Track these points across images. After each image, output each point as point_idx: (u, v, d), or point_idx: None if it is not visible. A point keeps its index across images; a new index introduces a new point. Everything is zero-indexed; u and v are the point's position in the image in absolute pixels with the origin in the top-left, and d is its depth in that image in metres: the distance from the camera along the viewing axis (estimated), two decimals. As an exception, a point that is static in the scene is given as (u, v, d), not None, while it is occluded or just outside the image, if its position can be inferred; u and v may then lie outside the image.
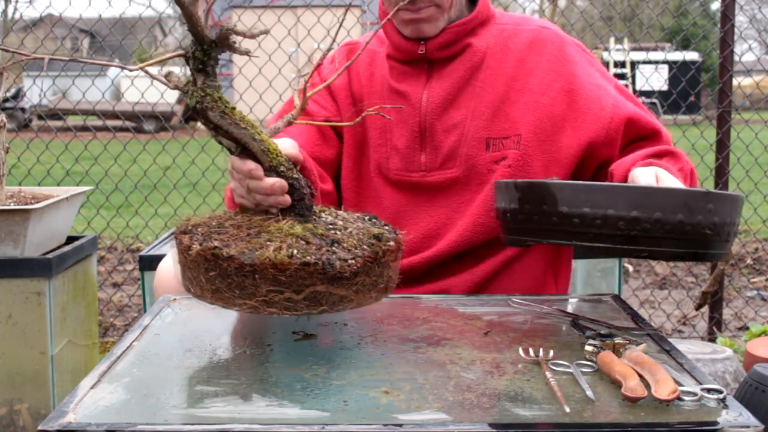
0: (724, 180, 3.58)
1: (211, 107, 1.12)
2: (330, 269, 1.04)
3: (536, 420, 0.91)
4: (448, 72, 1.60)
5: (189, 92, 1.13)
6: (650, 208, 1.09)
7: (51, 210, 2.26)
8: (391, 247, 1.13)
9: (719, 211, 1.11)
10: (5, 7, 10.96)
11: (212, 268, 1.05)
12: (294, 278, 1.03)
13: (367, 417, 0.91)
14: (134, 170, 3.99)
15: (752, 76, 5.65)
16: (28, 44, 4.16)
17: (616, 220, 1.10)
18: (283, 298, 1.04)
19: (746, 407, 0.94)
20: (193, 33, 1.10)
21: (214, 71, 1.14)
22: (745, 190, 4.23)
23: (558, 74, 1.58)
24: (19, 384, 2.25)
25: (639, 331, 1.23)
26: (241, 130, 1.14)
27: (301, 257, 1.04)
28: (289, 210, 1.18)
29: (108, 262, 4.90)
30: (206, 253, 1.06)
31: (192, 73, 1.14)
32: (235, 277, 1.04)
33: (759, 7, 5.77)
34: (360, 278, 1.07)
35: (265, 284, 1.03)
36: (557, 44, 1.61)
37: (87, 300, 2.56)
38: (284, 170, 1.17)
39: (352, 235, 1.13)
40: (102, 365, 1.07)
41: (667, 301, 4.03)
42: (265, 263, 1.03)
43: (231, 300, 1.06)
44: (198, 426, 0.89)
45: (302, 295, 1.04)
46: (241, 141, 1.15)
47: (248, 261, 1.03)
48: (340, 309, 1.08)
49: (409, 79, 1.62)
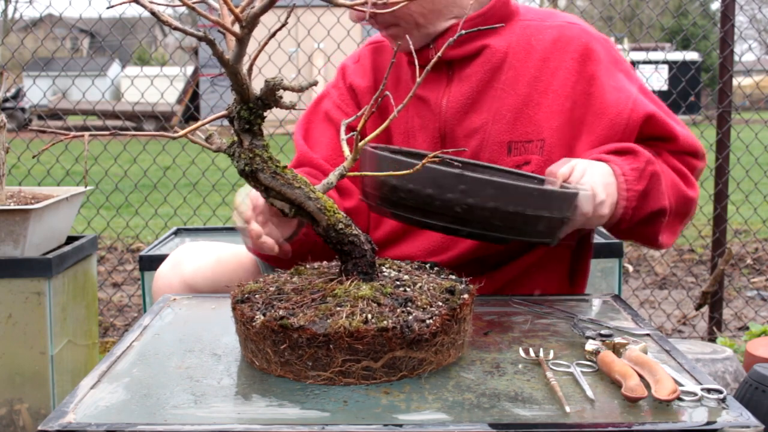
0: (724, 180, 3.58)
1: (262, 169, 1.07)
2: (409, 333, 0.99)
3: (536, 420, 0.90)
4: (467, 75, 1.55)
5: (236, 154, 1.07)
6: (419, 182, 1.19)
7: (51, 210, 2.26)
8: (466, 300, 1.08)
9: (474, 193, 1.17)
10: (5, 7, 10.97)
11: (281, 340, 1.00)
12: (371, 345, 0.99)
13: (367, 417, 0.91)
14: (134, 170, 3.99)
15: (752, 76, 5.66)
16: (28, 44, 4.16)
17: (407, 193, 1.21)
18: (360, 368, 1.00)
19: (746, 407, 0.94)
20: (238, 92, 1.04)
21: (260, 130, 1.08)
22: (745, 190, 4.23)
23: (580, 75, 1.52)
24: (19, 384, 2.25)
25: (639, 331, 1.23)
26: (295, 190, 1.08)
27: (377, 323, 0.99)
28: (352, 269, 1.12)
29: (108, 262, 4.89)
30: (273, 324, 1.01)
31: (237, 133, 1.07)
32: (306, 348, 0.99)
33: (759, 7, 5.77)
34: (439, 338, 1.03)
35: (340, 354, 0.99)
36: (582, 42, 1.54)
37: (87, 300, 2.56)
38: (342, 227, 1.12)
39: (424, 291, 1.08)
40: (102, 365, 1.07)
41: (667, 301, 4.03)
42: (340, 332, 0.98)
43: (303, 372, 1.01)
44: (198, 426, 0.89)
45: (381, 362, 1.00)
46: (296, 201, 1.09)
47: (321, 331, 0.98)
48: (420, 372, 1.03)
49: (429, 84, 1.58)
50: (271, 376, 1.04)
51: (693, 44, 4.94)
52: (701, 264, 4.94)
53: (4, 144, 2.22)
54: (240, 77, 1.02)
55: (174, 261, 1.56)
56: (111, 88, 9.86)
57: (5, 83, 2.26)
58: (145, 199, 4.09)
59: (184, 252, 1.59)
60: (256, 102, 1.05)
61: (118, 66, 13.59)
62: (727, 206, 3.63)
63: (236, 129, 1.08)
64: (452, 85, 1.56)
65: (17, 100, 12.24)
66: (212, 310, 1.33)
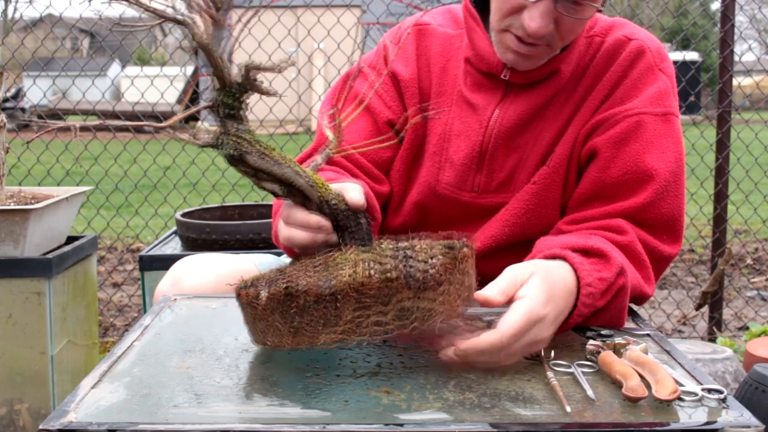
0: (724, 180, 3.58)
1: (249, 151, 1.07)
2: (413, 281, 0.99)
3: (537, 420, 0.91)
4: (527, 95, 1.43)
5: (222, 142, 1.07)
6: None
7: (51, 210, 2.26)
8: (466, 252, 1.07)
9: None
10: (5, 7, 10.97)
11: (289, 308, 1.00)
12: (378, 297, 0.99)
13: (368, 417, 0.91)
14: (134, 170, 3.99)
15: (752, 76, 5.66)
16: (28, 44, 4.16)
17: None
18: (371, 321, 0.99)
19: (746, 407, 0.94)
20: (217, 76, 1.05)
21: (244, 115, 1.08)
22: (745, 190, 4.23)
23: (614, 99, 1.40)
24: (19, 384, 2.25)
25: (639, 331, 1.23)
26: (284, 168, 1.08)
27: (381, 274, 0.99)
28: (350, 240, 1.11)
29: (108, 262, 4.89)
30: (278, 294, 1.01)
31: (222, 121, 1.07)
32: (314, 310, 0.99)
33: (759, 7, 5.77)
34: (444, 287, 1.02)
35: (349, 309, 0.99)
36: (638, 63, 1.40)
37: (87, 300, 2.56)
38: (335, 202, 1.11)
39: (423, 249, 1.07)
40: (103, 365, 1.07)
41: (667, 301, 4.03)
42: (345, 287, 0.98)
43: (315, 336, 1.00)
44: (199, 425, 0.89)
45: (390, 312, 0.99)
46: (286, 179, 1.09)
47: (327, 288, 0.98)
48: (430, 324, 1.02)
49: (482, 92, 1.46)
50: (272, 375, 1.04)
51: (693, 44, 4.94)
52: (701, 264, 4.94)
53: (4, 144, 2.22)
54: (218, 60, 1.03)
55: (173, 279, 1.49)
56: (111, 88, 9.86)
57: (5, 83, 2.26)
58: (145, 199, 4.09)
59: (183, 268, 1.52)
60: (237, 86, 1.06)
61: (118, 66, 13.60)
62: (727, 206, 3.63)
63: (220, 117, 1.08)
64: (507, 99, 1.44)
65: (17, 100, 12.24)
66: (213, 311, 1.33)
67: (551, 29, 1.32)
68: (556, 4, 1.29)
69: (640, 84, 1.40)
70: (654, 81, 1.40)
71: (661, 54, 1.44)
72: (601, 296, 1.17)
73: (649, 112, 1.38)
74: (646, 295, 1.33)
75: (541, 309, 1.08)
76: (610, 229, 1.34)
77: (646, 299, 1.35)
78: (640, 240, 1.34)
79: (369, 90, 1.53)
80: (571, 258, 1.18)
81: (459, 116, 1.47)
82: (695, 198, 4.32)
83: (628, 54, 1.41)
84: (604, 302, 1.18)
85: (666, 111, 1.39)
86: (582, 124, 1.41)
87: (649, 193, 1.35)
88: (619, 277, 1.20)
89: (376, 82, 1.54)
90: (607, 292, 1.18)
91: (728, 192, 3.63)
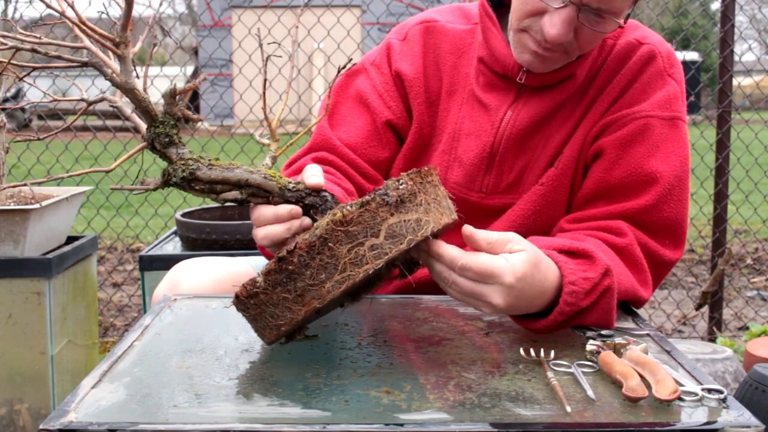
0: (724, 180, 3.58)
1: (198, 167, 1.10)
2: (389, 198, 1.01)
3: (537, 420, 0.91)
4: (540, 97, 1.42)
5: (171, 172, 1.11)
6: None
7: (51, 210, 2.26)
8: (429, 170, 1.08)
9: None
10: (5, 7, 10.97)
11: (286, 273, 1.01)
12: (363, 224, 1.00)
13: (368, 417, 0.91)
14: (134, 170, 3.99)
15: (752, 76, 5.65)
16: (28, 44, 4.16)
17: None
18: (367, 249, 1.00)
19: (746, 407, 0.94)
20: (145, 113, 1.09)
21: (180, 139, 1.12)
22: (745, 190, 4.23)
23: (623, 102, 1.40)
24: (19, 384, 2.26)
25: (639, 331, 1.23)
26: (235, 171, 1.11)
27: (358, 205, 1.00)
28: (321, 215, 1.13)
29: (108, 262, 4.89)
30: (272, 266, 1.02)
31: (163, 153, 1.12)
32: (311, 262, 1.00)
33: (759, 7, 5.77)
34: (420, 197, 1.03)
35: (341, 247, 1.00)
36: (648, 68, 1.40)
37: (87, 300, 2.56)
38: (293, 185, 1.13)
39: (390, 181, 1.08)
40: (103, 365, 1.07)
41: (667, 301, 4.03)
42: (330, 226, 0.99)
43: (321, 287, 1.00)
44: (199, 425, 0.89)
45: (381, 235, 1.00)
46: (241, 180, 1.12)
47: (314, 236, 0.99)
48: (424, 233, 1.02)
49: (495, 92, 1.44)
50: (272, 375, 1.04)
51: (693, 44, 4.94)
52: (701, 264, 4.94)
53: (4, 144, 2.22)
54: (138, 96, 1.06)
55: (171, 282, 1.49)
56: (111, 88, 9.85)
57: (5, 83, 2.26)
58: (145, 199, 4.09)
59: (181, 271, 1.51)
60: (165, 116, 1.10)
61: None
62: (727, 206, 3.63)
63: (160, 150, 1.12)
64: (520, 101, 1.43)
65: (17, 100, 12.25)
66: (213, 311, 1.33)
67: (570, 38, 1.31)
68: (579, 13, 1.28)
69: (649, 88, 1.40)
70: (663, 85, 1.40)
71: (672, 59, 1.44)
72: (586, 296, 1.15)
73: (657, 116, 1.38)
74: (641, 299, 1.32)
75: (512, 278, 1.06)
76: (608, 231, 1.34)
77: (643, 303, 1.34)
78: (640, 243, 1.33)
79: (371, 88, 1.52)
80: (556, 257, 1.16)
81: (470, 115, 1.46)
82: (695, 198, 4.32)
83: (639, 58, 1.41)
84: (589, 302, 1.16)
85: (674, 115, 1.39)
86: (591, 126, 1.41)
87: (651, 196, 1.35)
88: (605, 277, 1.18)
89: (378, 80, 1.53)
90: (592, 292, 1.16)
91: (728, 192, 3.63)
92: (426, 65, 1.50)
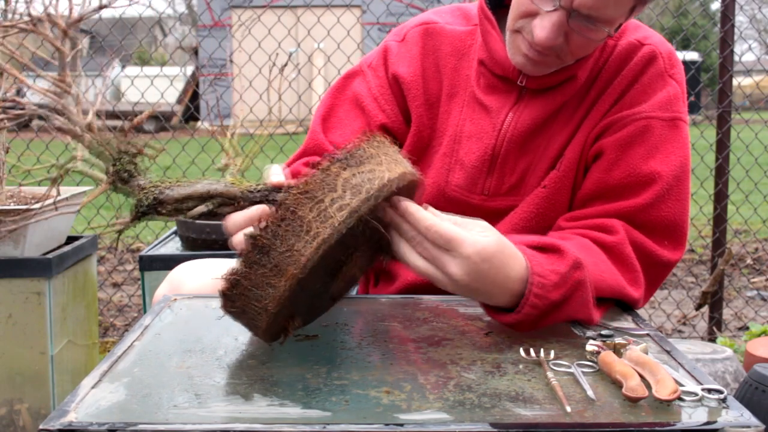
0: (724, 180, 3.58)
1: (160, 192, 1.12)
2: (346, 160, 1.02)
3: (537, 420, 0.91)
4: (541, 99, 1.41)
5: (141, 201, 1.13)
6: None
7: (51, 210, 2.26)
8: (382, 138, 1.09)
9: None
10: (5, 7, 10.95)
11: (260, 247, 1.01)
12: (323, 185, 1.01)
13: (368, 417, 0.91)
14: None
15: (752, 76, 5.65)
16: (28, 44, 4.16)
17: None
18: (329, 203, 1.01)
19: (746, 407, 0.94)
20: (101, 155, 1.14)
21: (138, 170, 1.15)
22: (745, 190, 4.23)
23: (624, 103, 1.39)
24: (19, 384, 2.26)
25: (639, 331, 1.23)
26: (197, 185, 1.13)
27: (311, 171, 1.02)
28: None
29: (108, 262, 4.90)
30: (246, 247, 1.02)
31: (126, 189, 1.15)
32: (279, 231, 1.00)
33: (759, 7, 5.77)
34: (376, 158, 1.05)
35: (305, 208, 1.01)
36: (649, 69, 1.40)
37: (87, 300, 2.56)
38: (255, 186, 1.15)
39: None
40: (103, 365, 1.07)
41: (667, 301, 4.03)
42: (288, 195, 1.01)
43: (294, 251, 1.00)
44: (199, 425, 0.89)
45: (338, 189, 1.01)
46: (204, 192, 1.13)
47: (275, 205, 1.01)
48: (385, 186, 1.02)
49: (496, 94, 1.44)
50: (272, 375, 1.04)
51: (693, 44, 4.94)
52: (701, 264, 4.94)
53: (4, 144, 2.22)
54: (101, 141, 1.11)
55: (172, 284, 1.48)
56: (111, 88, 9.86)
57: (5, 83, 2.26)
58: (145, 199, 4.09)
59: (181, 273, 1.49)
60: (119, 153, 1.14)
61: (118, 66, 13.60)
62: (727, 206, 3.64)
63: (122, 184, 1.15)
64: (522, 103, 1.42)
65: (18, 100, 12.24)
66: (213, 311, 1.33)
67: (559, 42, 1.30)
68: (569, 18, 1.28)
69: (649, 89, 1.39)
70: (664, 86, 1.40)
71: (673, 59, 1.43)
72: (554, 288, 1.13)
73: (658, 117, 1.38)
74: (630, 297, 1.30)
75: (473, 250, 1.05)
76: (599, 229, 1.33)
77: (634, 302, 1.32)
78: (634, 242, 1.33)
79: (368, 94, 1.51)
80: (524, 250, 1.14)
81: (471, 118, 1.45)
82: (695, 198, 4.31)
83: (640, 59, 1.41)
84: (560, 295, 1.14)
85: (674, 117, 1.39)
86: (592, 127, 1.41)
87: (649, 195, 1.35)
88: (575, 270, 1.15)
89: (374, 83, 1.52)
90: (562, 284, 1.14)
91: (728, 192, 3.63)
92: (425, 67, 1.49)
